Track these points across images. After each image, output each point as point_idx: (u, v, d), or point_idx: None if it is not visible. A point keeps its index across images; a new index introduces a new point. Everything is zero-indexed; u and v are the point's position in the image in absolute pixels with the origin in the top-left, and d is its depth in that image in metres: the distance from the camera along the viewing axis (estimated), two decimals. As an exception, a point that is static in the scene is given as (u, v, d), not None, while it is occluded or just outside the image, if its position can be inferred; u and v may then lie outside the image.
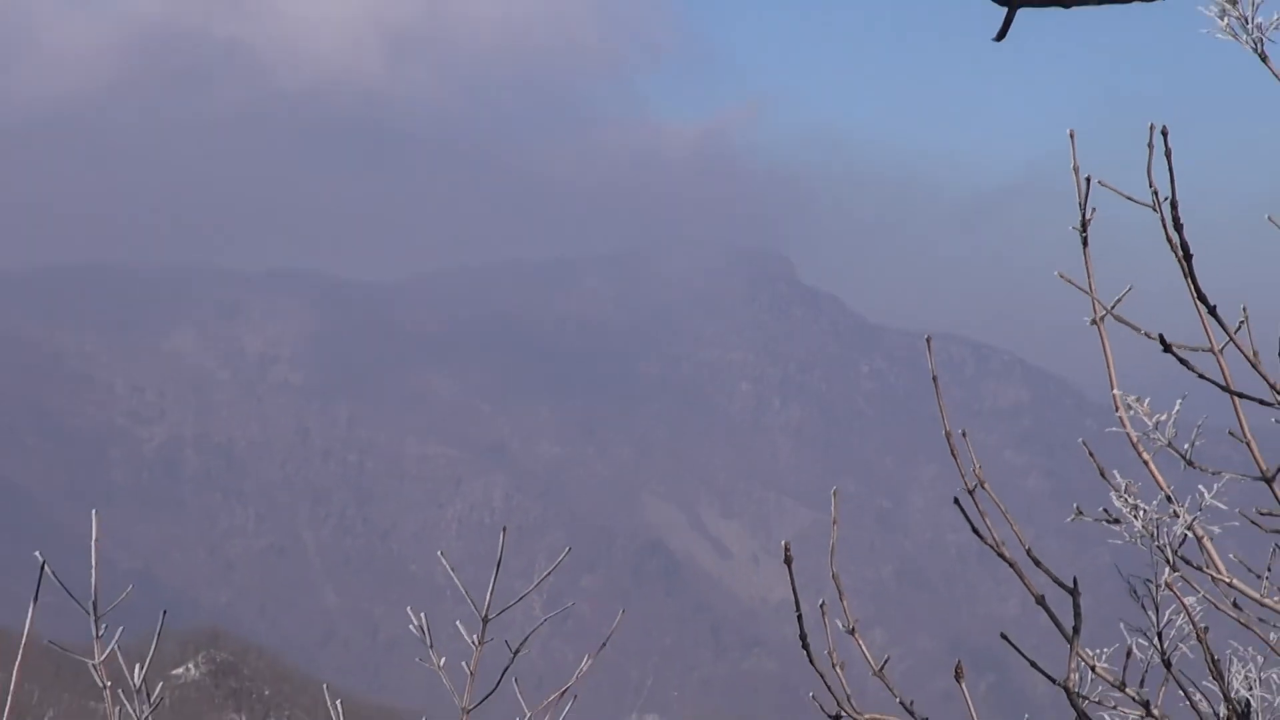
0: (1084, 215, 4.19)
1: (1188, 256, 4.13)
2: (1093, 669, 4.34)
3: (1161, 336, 4.19)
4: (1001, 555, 4.37)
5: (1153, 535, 4.31)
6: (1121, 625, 4.33)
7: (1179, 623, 4.29)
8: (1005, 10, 2.70)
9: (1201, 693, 4.28)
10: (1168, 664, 4.28)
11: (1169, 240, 4.13)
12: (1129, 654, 4.34)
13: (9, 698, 6.92)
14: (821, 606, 4.48)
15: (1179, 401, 4.23)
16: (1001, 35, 2.76)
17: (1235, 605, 4.34)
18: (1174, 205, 4.06)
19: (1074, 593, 4.30)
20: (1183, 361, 4.18)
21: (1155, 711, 4.32)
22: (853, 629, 4.46)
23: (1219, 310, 4.16)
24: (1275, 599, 4.31)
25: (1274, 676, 4.27)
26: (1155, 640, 4.29)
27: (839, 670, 4.48)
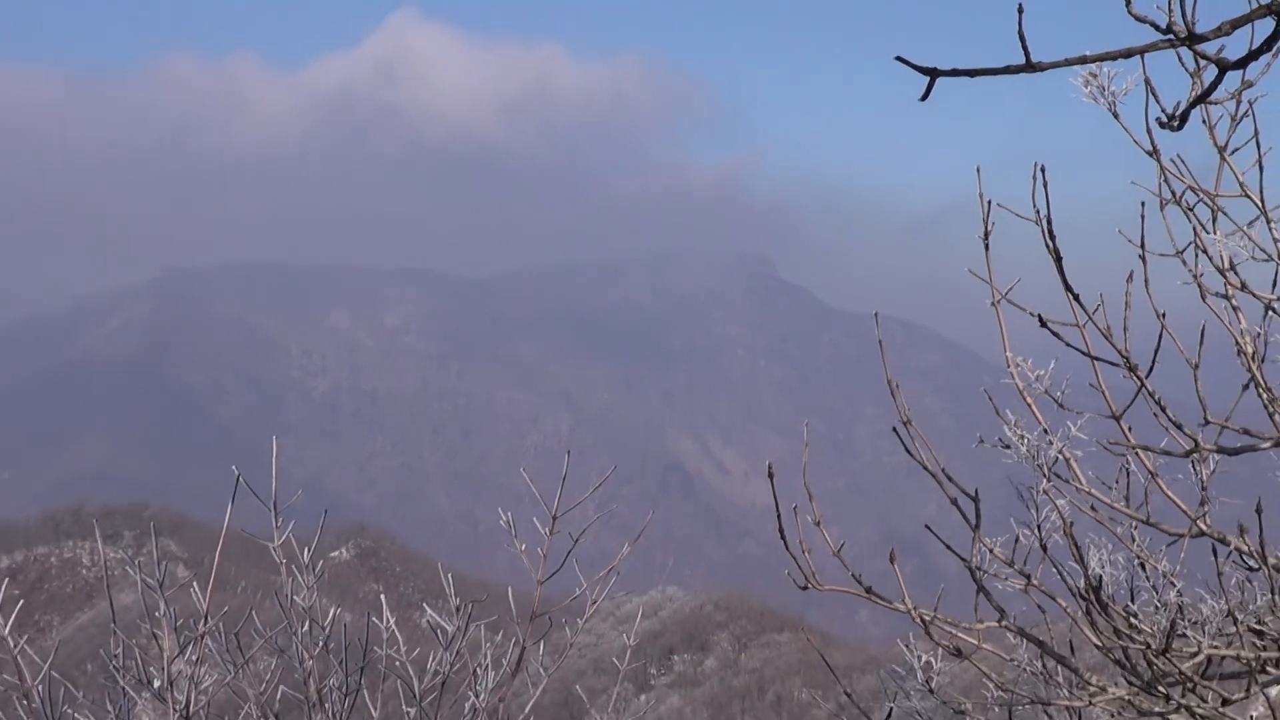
0: (986, 228, 4.21)
1: (1059, 258, 4.15)
2: (990, 552, 4.35)
3: (1040, 315, 4.21)
4: (926, 469, 4.39)
5: (1034, 457, 4.33)
6: (1011, 521, 4.36)
7: (1052, 519, 4.30)
8: (928, 79, 2.71)
9: (1068, 570, 4.29)
10: (1044, 548, 4.29)
11: (1047, 246, 4.15)
12: (1016, 541, 4.36)
13: (214, 570, 6.94)
14: (795, 509, 4.51)
15: (1052, 362, 4.26)
16: (925, 96, 2.77)
17: (1092, 508, 4.36)
18: (1049, 221, 4.07)
19: (975, 499, 4.33)
20: (1055, 334, 4.20)
21: (1035, 582, 4.33)
22: (818, 523, 4.49)
23: (1081, 297, 4.17)
24: (1120, 503, 4.31)
25: (1119, 559, 4.28)
26: (1035, 532, 4.30)
27: (807, 554, 4.50)
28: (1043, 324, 4.24)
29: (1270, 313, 4.02)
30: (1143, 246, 4.12)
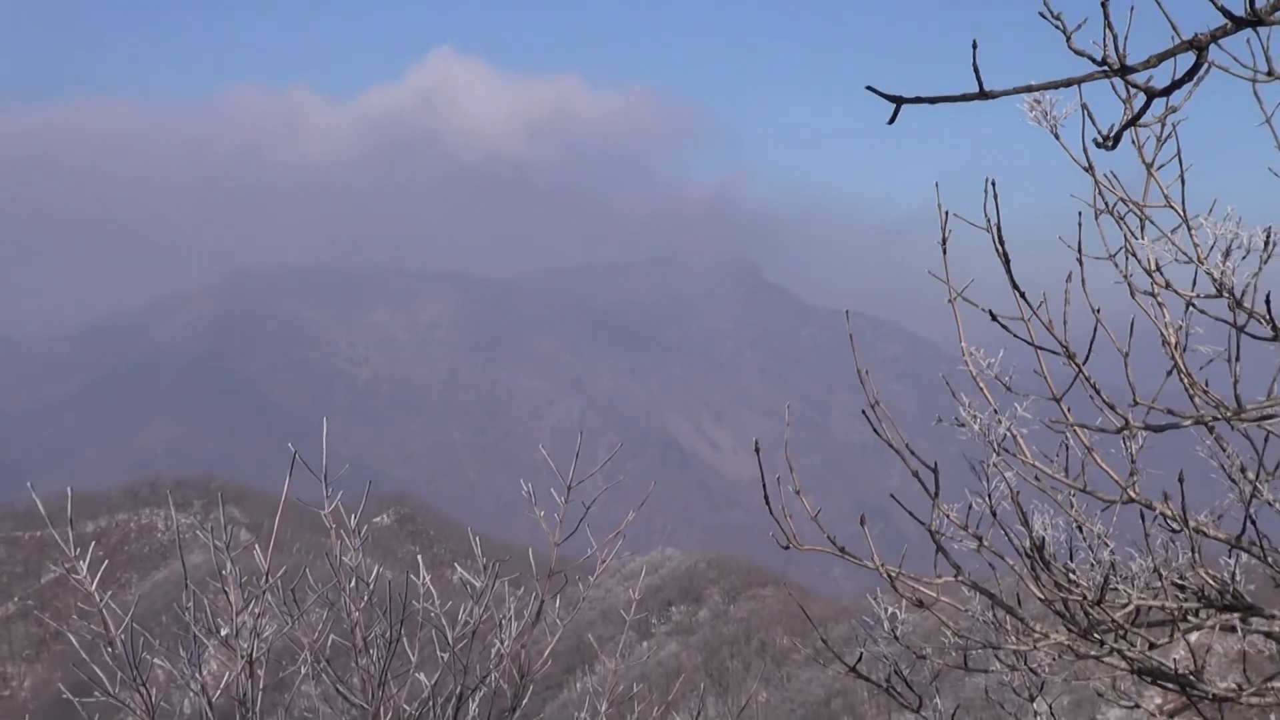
0: (943, 235, 4.20)
1: (1007, 261, 4.15)
2: (947, 517, 4.35)
3: (990, 311, 4.20)
4: (891, 446, 4.38)
5: (985, 434, 4.33)
6: (965, 490, 4.36)
7: (1001, 488, 4.30)
8: (894, 106, 2.71)
9: (1015, 532, 4.29)
10: (994, 514, 4.29)
11: (996, 251, 4.14)
12: (970, 508, 4.36)
13: (272, 534, 6.95)
14: (777, 480, 4.51)
15: (1001, 352, 4.25)
16: (892, 120, 2.77)
17: (1036, 479, 4.35)
18: (998, 228, 4.06)
19: (935, 471, 4.32)
20: (1004, 327, 4.19)
21: (986, 543, 4.33)
22: (797, 492, 4.48)
23: (1027, 295, 4.16)
24: (1060, 474, 4.31)
25: (1059, 522, 4.28)
26: (986, 499, 4.30)
27: (788, 519, 4.50)
28: (993, 318, 4.23)
29: (1190, 308, 4.02)
30: (1080, 251, 4.11)
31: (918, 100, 2.78)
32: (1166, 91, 2.90)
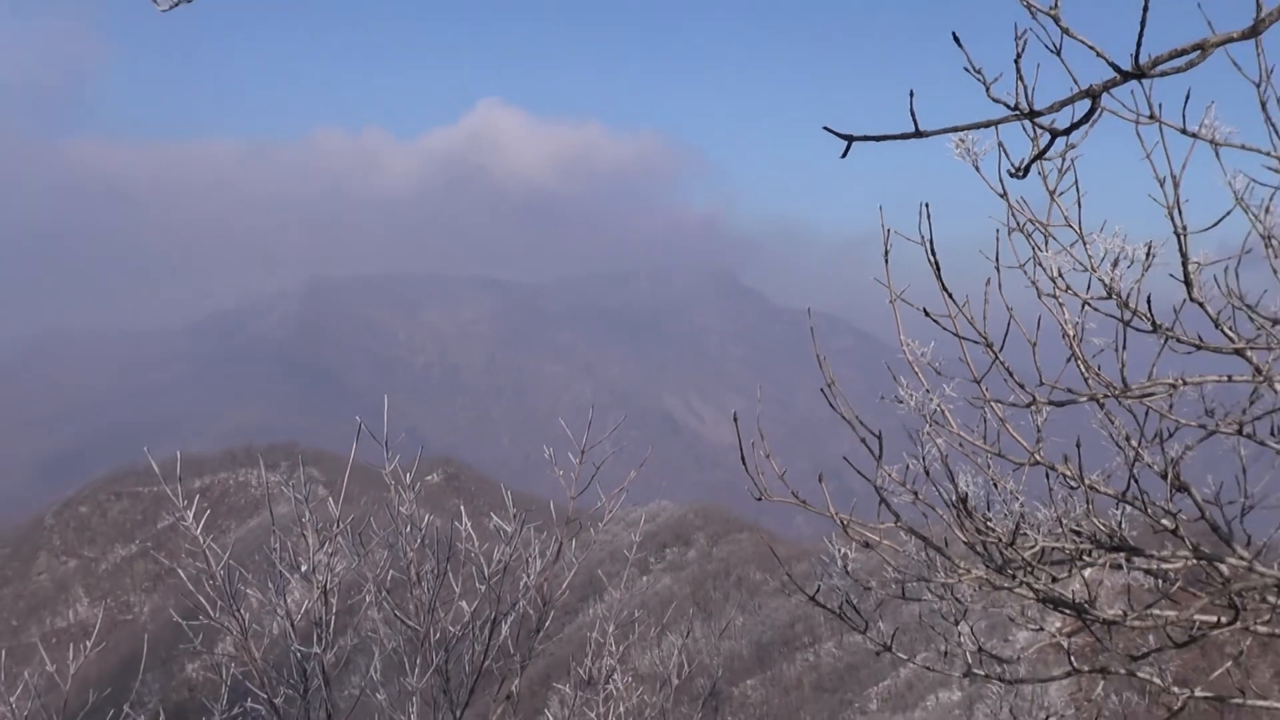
0: (886, 248, 4.19)
1: (938, 269, 4.13)
2: (889, 476, 4.34)
3: (924, 309, 4.19)
4: (844, 419, 4.37)
5: (919, 409, 4.31)
6: (904, 454, 4.34)
7: (932, 453, 4.29)
8: (845, 143, 2.71)
9: (943, 488, 4.29)
10: (927, 473, 4.28)
11: (929, 260, 4.13)
12: (907, 469, 4.35)
13: (343, 490, 6.92)
14: (752, 445, 4.50)
15: (932, 343, 4.23)
16: (844, 155, 2.76)
17: (960, 445, 4.34)
18: (931, 242, 4.05)
19: (879, 438, 4.31)
20: (935, 322, 4.18)
21: (920, 497, 4.32)
22: (768, 455, 4.47)
23: (954, 296, 4.15)
24: (980, 441, 4.30)
25: (979, 480, 4.27)
26: (921, 461, 4.29)
27: (760, 476, 4.49)
28: (926, 315, 4.22)
29: (1085, 308, 4.02)
30: (997, 261, 4.10)
31: (865, 138, 2.77)
32: (1066, 131, 2.89)
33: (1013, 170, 3.28)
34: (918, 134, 2.75)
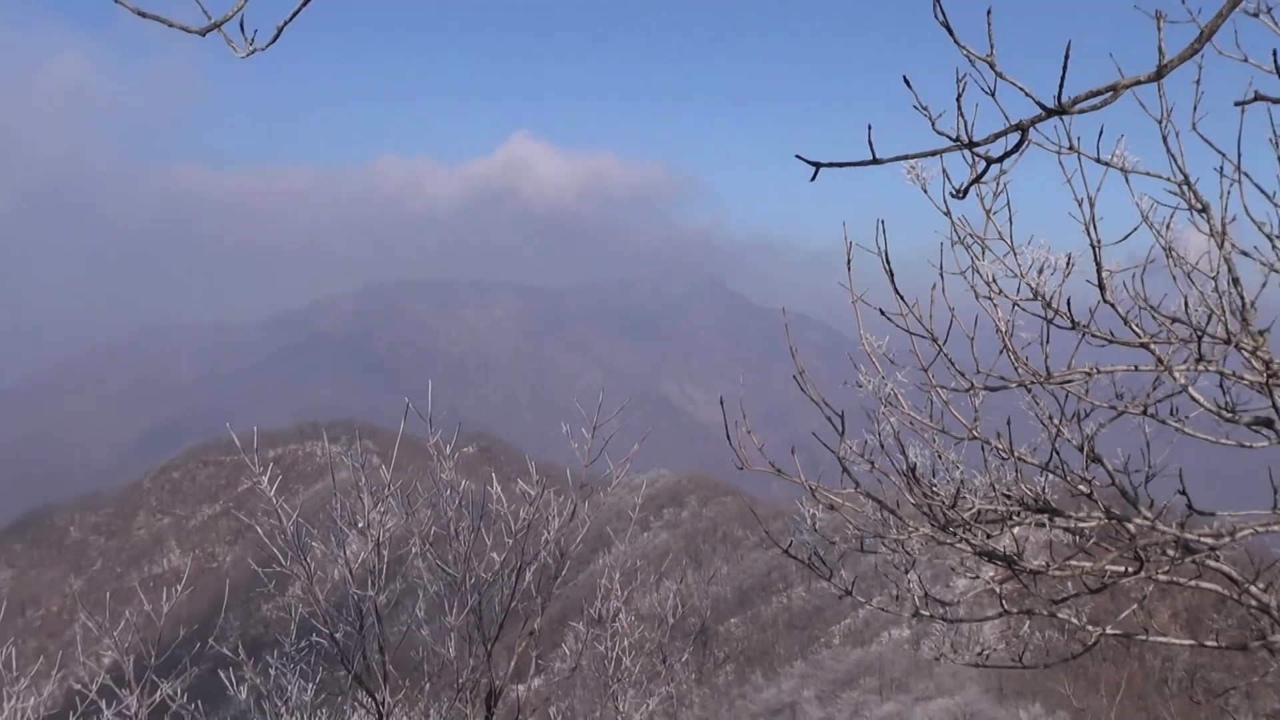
0: (848, 257, 4.18)
1: (891, 275, 4.12)
2: (850, 449, 4.34)
3: (881, 309, 4.18)
4: (813, 400, 4.37)
5: (876, 393, 4.30)
6: (863, 430, 4.34)
7: (887, 429, 4.29)
8: (814, 169, 2.70)
9: (896, 460, 4.28)
10: (882, 446, 4.27)
11: (884, 268, 4.12)
12: (866, 443, 4.34)
13: (393, 459, 6.91)
14: (735, 423, 4.50)
15: (887, 337, 4.22)
16: (813, 179, 2.76)
17: (910, 423, 4.34)
18: (886, 253, 4.04)
19: (842, 417, 4.31)
20: (890, 320, 4.18)
21: (877, 466, 4.32)
22: (748, 431, 4.47)
23: (906, 298, 4.14)
24: (927, 420, 4.30)
25: (926, 453, 4.27)
26: (877, 436, 4.28)
27: (742, 449, 4.48)
28: (882, 314, 4.21)
29: (1016, 308, 4.01)
30: (941, 269, 4.08)
31: (831, 164, 2.77)
32: (1000, 159, 2.88)
33: (954, 192, 3.26)
34: (875, 161, 2.74)
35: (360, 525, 6.46)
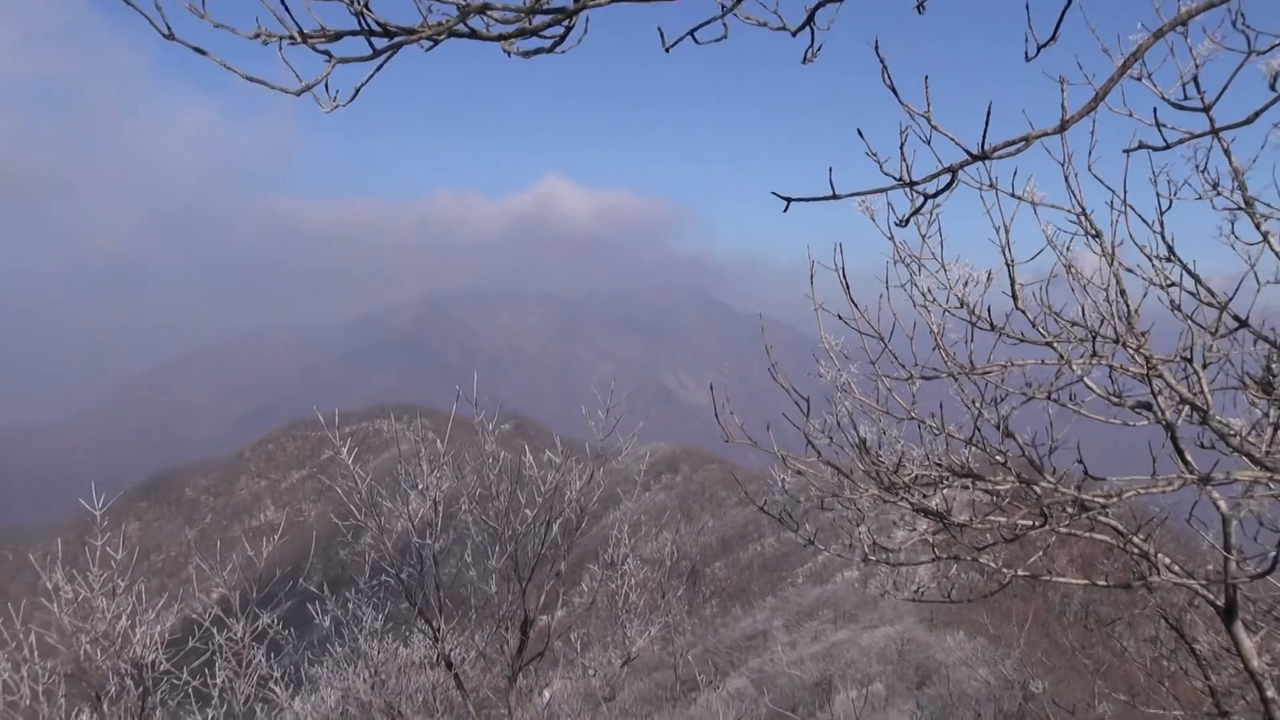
0: (811, 273, 4.17)
1: (847, 287, 4.12)
2: (814, 426, 4.34)
3: (839, 314, 4.18)
4: (783, 387, 4.37)
5: (834, 381, 4.30)
6: (823, 412, 4.33)
7: (841, 410, 4.28)
8: (785, 202, 2.70)
9: (849, 433, 4.28)
10: (839, 424, 4.27)
11: (840, 282, 4.11)
12: (825, 421, 4.34)
13: (447, 434, 6.90)
14: (722, 405, 4.49)
15: (843, 336, 4.22)
16: (785, 210, 2.76)
17: (861, 405, 4.33)
18: (843, 270, 4.03)
19: (807, 401, 4.30)
20: (846, 323, 4.17)
21: (834, 440, 4.31)
22: (732, 412, 4.46)
23: (859, 305, 4.13)
24: (874, 403, 4.29)
25: (874, 429, 4.27)
26: (835, 416, 4.29)
27: (725, 426, 4.48)
28: (839, 319, 4.21)
29: (946, 314, 4.01)
30: (887, 282, 4.08)
31: (800, 199, 2.77)
32: (934, 195, 2.88)
33: (898, 221, 3.26)
34: (834, 197, 2.73)
35: (420, 487, 6.46)
